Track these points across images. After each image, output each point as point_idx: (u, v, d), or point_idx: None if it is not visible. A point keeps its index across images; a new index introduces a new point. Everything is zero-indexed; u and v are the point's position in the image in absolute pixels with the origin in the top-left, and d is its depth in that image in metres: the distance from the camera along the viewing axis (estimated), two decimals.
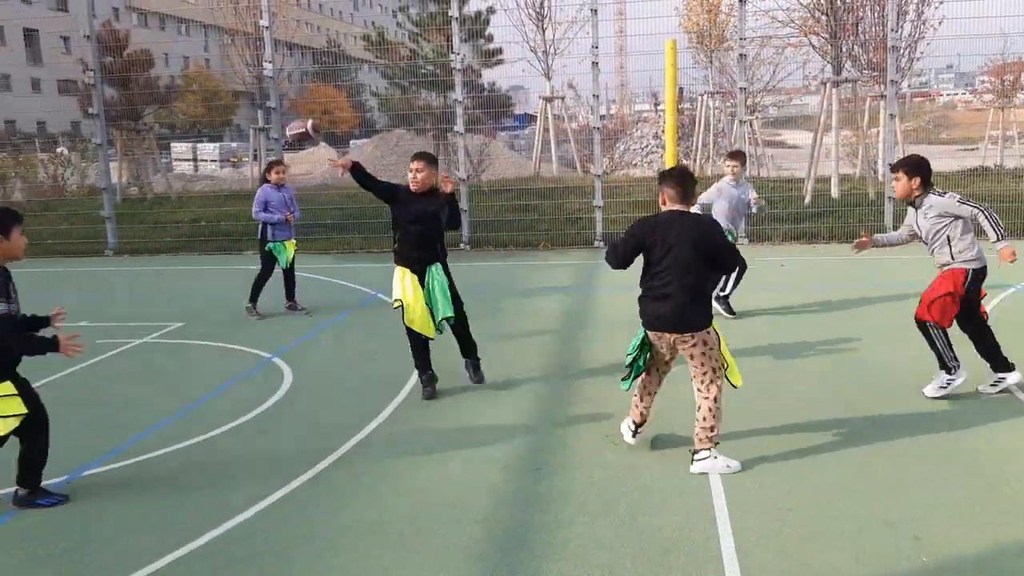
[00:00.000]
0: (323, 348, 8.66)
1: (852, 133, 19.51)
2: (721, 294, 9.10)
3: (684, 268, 4.89)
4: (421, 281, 6.74)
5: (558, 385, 7.04)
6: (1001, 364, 6.30)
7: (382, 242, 15.81)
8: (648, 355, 5.25)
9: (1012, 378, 6.27)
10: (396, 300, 6.74)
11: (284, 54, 19.48)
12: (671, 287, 4.92)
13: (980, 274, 6.16)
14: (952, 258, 6.11)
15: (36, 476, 4.99)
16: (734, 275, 8.98)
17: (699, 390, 5.05)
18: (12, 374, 4.80)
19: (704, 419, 5.02)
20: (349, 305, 10.71)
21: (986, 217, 6.03)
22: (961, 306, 6.15)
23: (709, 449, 5.03)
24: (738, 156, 9.34)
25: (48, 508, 4.91)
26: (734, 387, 5.20)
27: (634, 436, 5.42)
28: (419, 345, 6.85)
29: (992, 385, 6.32)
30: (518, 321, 9.54)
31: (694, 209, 9.12)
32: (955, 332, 6.25)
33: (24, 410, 4.76)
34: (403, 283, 6.72)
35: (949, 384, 6.21)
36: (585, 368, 7.53)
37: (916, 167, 6.17)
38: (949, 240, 6.10)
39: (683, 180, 5.06)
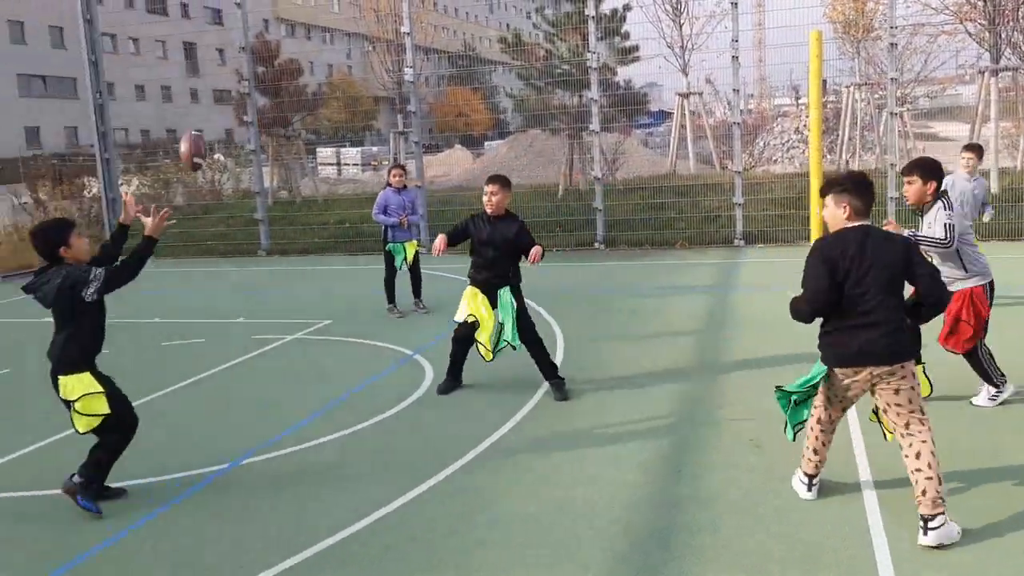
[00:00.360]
0: None
1: (1012, 124, 18.25)
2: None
3: (886, 288, 4.18)
4: (492, 303, 6.83)
5: (698, 386, 6.93)
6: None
7: None
8: (811, 401, 4.49)
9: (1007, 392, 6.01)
10: (470, 315, 6.80)
11: (422, 59, 19.99)
12: (877, 313, 4.16)
13: (992, 287, 5.77)
14: (965, 271, 5.68)
15: (96, 471, 5.01)
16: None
17: (912, 434, 4.20)
18: (91, 366, 4.97)
19: (929, 466, 4.11)
20: None
21: (937, 241, 5.53)
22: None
23: (944, 513, 4.08)
24: (974, 148, 8.65)
25: (81, 508, 4.90)
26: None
27: (810, 489, 4.64)
28: (461, 354, 7.04)
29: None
30: (655, 321, 9.44)
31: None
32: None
33: (107, 410, 4.91)
34: (475, 301, 6.82)
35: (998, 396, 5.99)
36: (725, 369, 7.38)
37: (931, 171, 5.63)
38: (959, 252, 5.64)
39: (867, 190, 4.30)
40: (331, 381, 7.62)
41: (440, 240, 6.78)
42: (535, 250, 6.67)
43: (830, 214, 4.36)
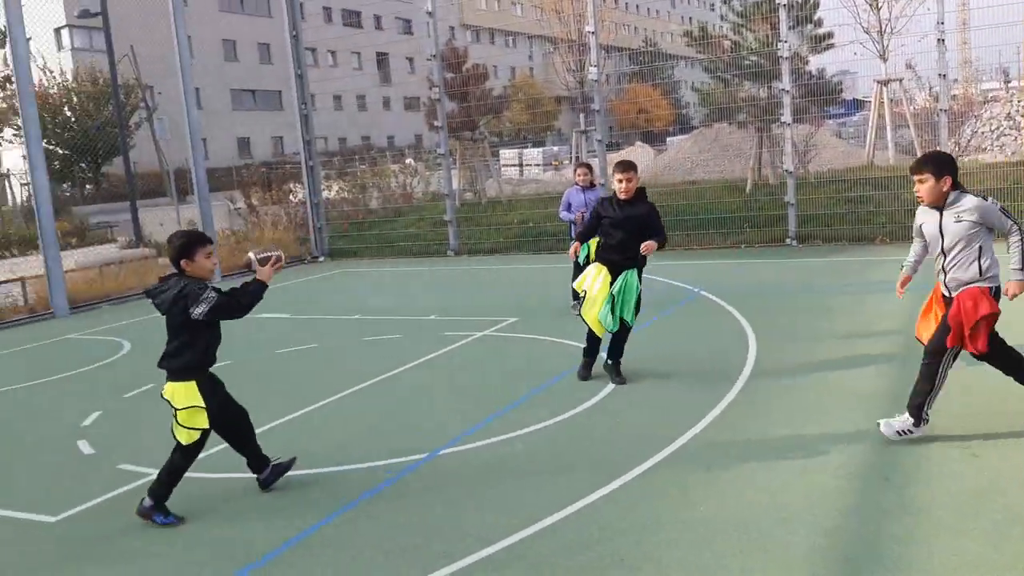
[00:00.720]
0: (647, 345, 8.74)
1: None
2: None
3: None
4: (615, 279, 7.10)
5: (902, 388, 6.50)
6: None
7: (703, 239, 15.66)
8: None
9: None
10: (582, 289, 7.27)
11: (604, 57, 19.98)
12: None
13: (999, 292, 5.12)
14: (980, 274, 5.04)
15: (162, 489, 5.05)
16: None
17: None
18: (200, 375, 4.99)
19: None
20: (672, 303, 10.75)
21: (1021, 239, 5.03)
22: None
23: None
24: None
25: (160, 525, 5.01)
26: None
27: None
28: (595, 338, 7.34)
29: None
30: (853, 320, 8.99)
31: None
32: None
33: (206, 425, 4.97)
34: (595, 278, 7.15)
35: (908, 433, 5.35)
36: None
37: (944, 165, 5.09)
38: (981, 251, 5.04)
39: None
40: (520, 377, 7.78)
41: (573, 248, 7.55)
42: (647, 244, 6.93)
43: None
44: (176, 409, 4.94)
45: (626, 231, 7.07)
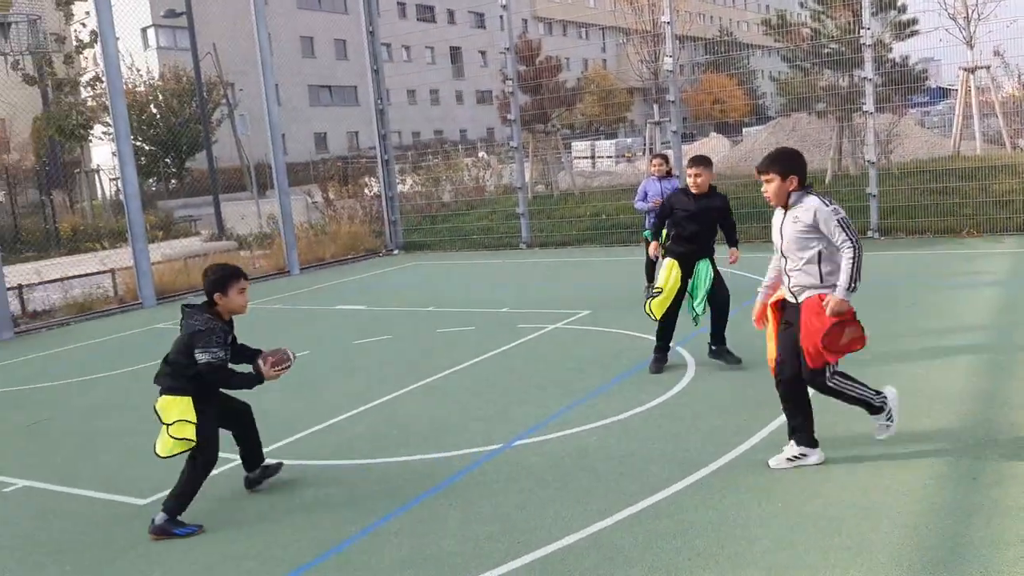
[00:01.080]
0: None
1: None
2: None
3: None
4: (688, 272, 7.27)
5: (992, 387, 6.31)
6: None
7: None
8: None
9: (814, 458, 5.13)
10: (658, 287, 7.30)
11: (679, 47, 19.75)
12: None
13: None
14: (820, 280, 4.79)
15: (179, 502, 5.00)
16: None
17: None
18: (195, 394, 4.93)
19: None
20: (750, 295, 10.57)
21: (853, 258, 4.66)
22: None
23: None
24: None
25: (182, 537, 4.90)
26: None
27: None
28: (669, 327, 7.39)
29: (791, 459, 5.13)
30: (941, 315, 8.72)
31: None
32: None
33: (192, 439, 4.88)
34: (670, 273, 7.23)
35: (890, 422, 5.08)
36: None
37: (790, 164, 4.86)
38: (820, 257, 4.79)
39: None
40: (593, 370, 7.77)
41: (653, 247, 7.60)
42: (734, 255, 7.46)
43: None
44: (166, 424, 4.91)
45: (700, 223, 7.23)
